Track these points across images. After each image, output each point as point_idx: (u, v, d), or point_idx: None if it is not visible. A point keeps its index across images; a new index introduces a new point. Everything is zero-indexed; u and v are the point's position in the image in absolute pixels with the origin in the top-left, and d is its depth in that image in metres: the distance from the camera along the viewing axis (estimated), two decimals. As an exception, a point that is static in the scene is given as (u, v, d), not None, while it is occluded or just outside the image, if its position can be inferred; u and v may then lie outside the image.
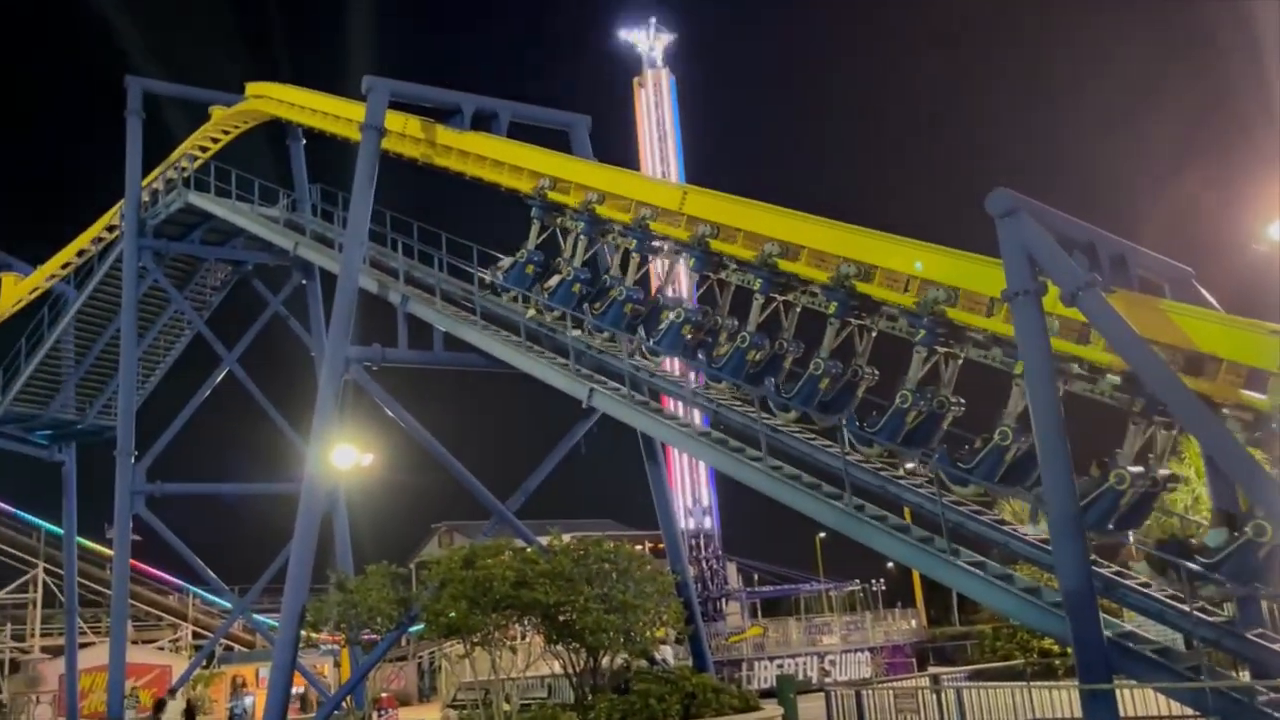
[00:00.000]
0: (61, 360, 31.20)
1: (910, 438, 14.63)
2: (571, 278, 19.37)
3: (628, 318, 18.69)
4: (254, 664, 34.06)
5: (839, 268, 15.05)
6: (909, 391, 14.49)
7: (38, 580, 41.40)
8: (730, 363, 16.72)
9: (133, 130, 28.78)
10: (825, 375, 15.67)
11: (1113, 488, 12.52)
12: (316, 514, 20.98)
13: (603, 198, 19.14)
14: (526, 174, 20.76)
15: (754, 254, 16.31)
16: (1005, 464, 13.44)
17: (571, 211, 19.73)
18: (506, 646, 19.33)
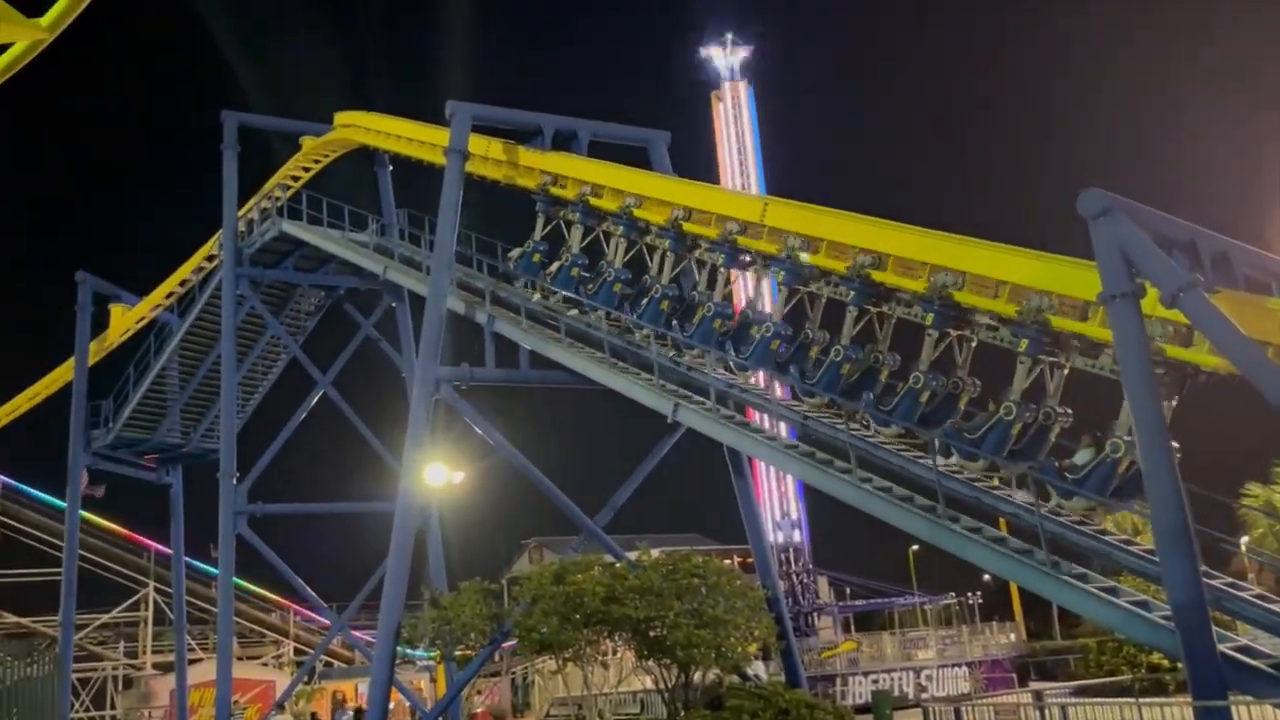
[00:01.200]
0: (167, 386, 32.37)
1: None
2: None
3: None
4: (353, 679, 34.79)
5: (934, 277, 14.78)
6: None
7: (148, 599, 42.98)
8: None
9: (229, 163, 29.78)
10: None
11: (1109, 456, 12.96)
12: (411, 532, 21.34)
13: (689, 213, 19.12)
14: (608, 192, 20.94)
15: (845, 265, 16.08)
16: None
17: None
18: (598, 662, 19.40)
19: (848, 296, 16.27)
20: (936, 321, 15.10)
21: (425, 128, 25.00)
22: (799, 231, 17.09)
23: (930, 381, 15.41)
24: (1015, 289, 13.98)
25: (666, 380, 18.63)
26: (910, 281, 15.34)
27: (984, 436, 14.48)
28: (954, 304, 14.86)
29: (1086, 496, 13.37)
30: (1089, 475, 13.51)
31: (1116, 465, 13.16)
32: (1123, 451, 13.00)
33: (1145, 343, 11.55)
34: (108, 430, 32.59)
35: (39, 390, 36.85)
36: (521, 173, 22.40)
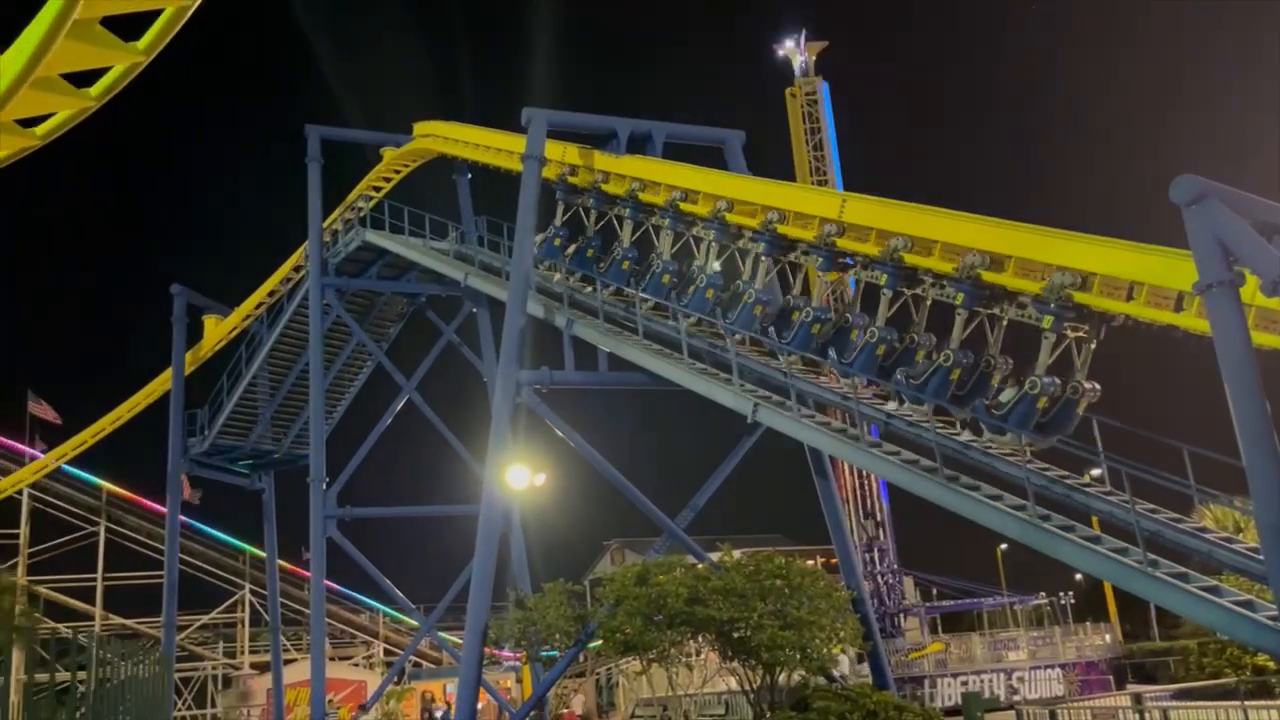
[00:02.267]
0: (258, 395, 33.38)
1: (1042, 425, 14.68)
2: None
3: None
4: (441, 680, 35.36)
5: (1053, 277, 14.20)
6: (1038, 378, 14.57)
7: (245, 601, 44.39)
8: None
9: (313, 176, 30.53)
10: (955, 366, 15.70)
11: (1027, 393, 14.48)
12: (495, 534, 21.61)
13: (784, 215, 18.79)
14: (703, 197, 20.71)
15: (952, 266, 15.75)
16: (1036, 413, 14.61)
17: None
18: (682, 663, 19.41)
19: (882, 281, 16.63)
20: (966, 301, 15.49)
21: (502, 135, 25.32)
22: (878, 226, 16.87)
23: (960, 359, 15.70)
24: (1104, 281, 13.65)
25: (745, 380, 18.56)
26: (1024, 281, 14.87)
27: (1010, 411, 14.86)
28: (984, 284, 15.27)
29: (1013, 430, 14.73)
30: (1012, 411, 14.86)
31: (1035, 401, 14.49)
32: (1039, 389, 14.42)
33: (1245, 334, 11.13)
34: (203, 438, 33.72)
35: (138, 400, 38.27)
36: (613, 181, 22.38)
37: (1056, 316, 14.20)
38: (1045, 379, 14.54)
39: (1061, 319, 14.22)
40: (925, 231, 16.16)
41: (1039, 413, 14.59)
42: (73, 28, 8.46)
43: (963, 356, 15.71)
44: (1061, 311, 14.14)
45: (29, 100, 9.50)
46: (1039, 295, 14.48)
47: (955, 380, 15.81)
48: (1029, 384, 14.67)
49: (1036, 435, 14.69)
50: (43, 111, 10.21)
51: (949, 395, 15.80)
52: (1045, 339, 14.52)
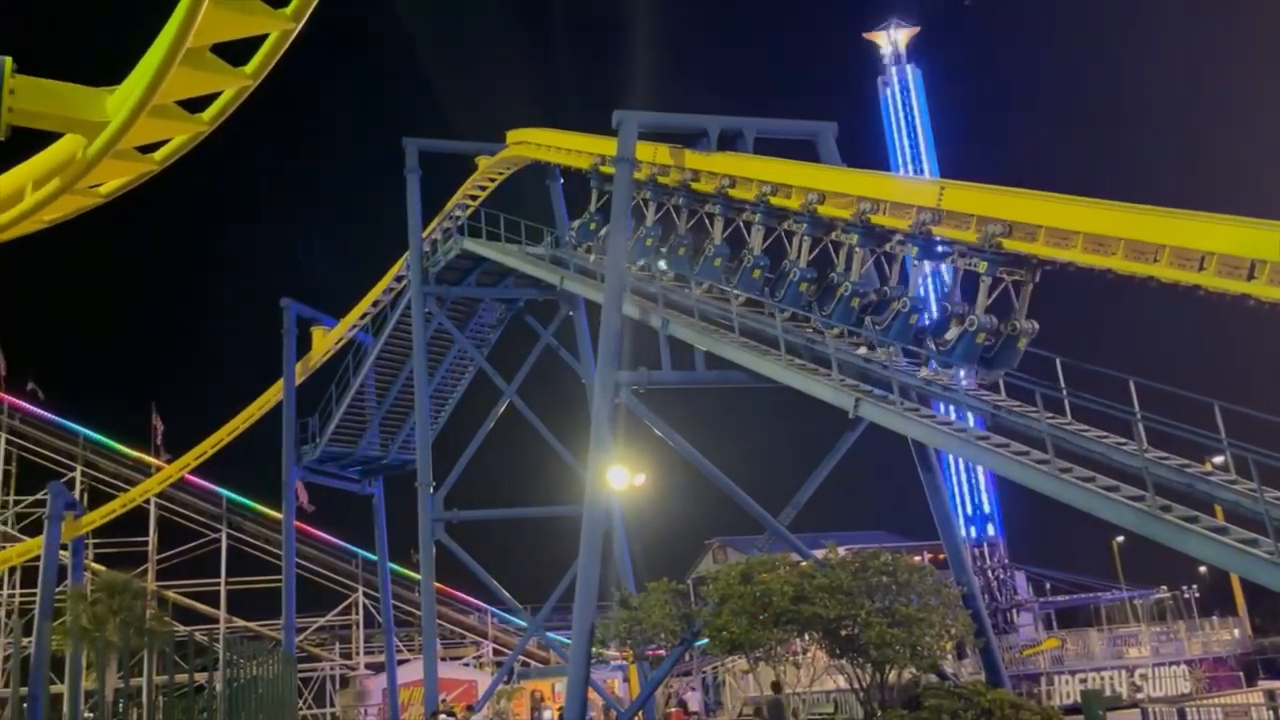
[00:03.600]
0: (365, 402, 34.31)
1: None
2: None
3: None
4: (550, 679, 35.81)
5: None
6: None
7: (358, 603, 45.73)
8: (894, 328, 17.60)
9: (412, 187, 31.26)
10: (980, 330, 16.69)
11: (967, 330, 16.52)
12: (599, 534, 21.78)
13: (878, 206, 18.62)
14: (795, 191, 20.65)
15: (1059, 252, 15.34)
16: (977, 347, 16.68)
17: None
18: (789, 661, 19.26)
19: (981, 268, 16.93)
20: (990, 269, 16.50)
21: (593, 139, 25.52)
22: (978, 212, 16.48)
23: (985, 324, 16.79)
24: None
25: (846, 375, 18.33)
26: (1137, 265, 14.46)
27: (955, 347, 16.86)
28: (1007, 252, 16.21)
29: (958, 364, 17.16)
30: (955, 346, 16.95)
31: (975, 337, 16.61)
32: (977, 326, 16.57)
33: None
34: (315, 446, 34.80)
35: (253, 411, 39.72)
36: (702, 178, 22.43)
37: (991, 262, 16.35)
38: (983, 317, 16.66)
39: (997, 264, 16.32)
40: (1030, 216, 15.73)
41: (980, 348, 16.72)
42: (185, 56, 8.81)
43: (986, 322, 16.79)
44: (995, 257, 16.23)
45: (147, 127, 9.93)
46: (974, 244, 16.52)
47: (980, 343, 16.90)
48: (968, 322, 16.80)
49: (982, 369, 17.00)
50: (160, 137, 10.66)
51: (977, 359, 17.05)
52: (983, 282, 16.61)
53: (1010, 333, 16.61)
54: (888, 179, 21.01)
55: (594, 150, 25.28)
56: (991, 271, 16.46)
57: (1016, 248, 15.94)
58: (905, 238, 18.19)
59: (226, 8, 8.51)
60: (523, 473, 42.56)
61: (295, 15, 8.95)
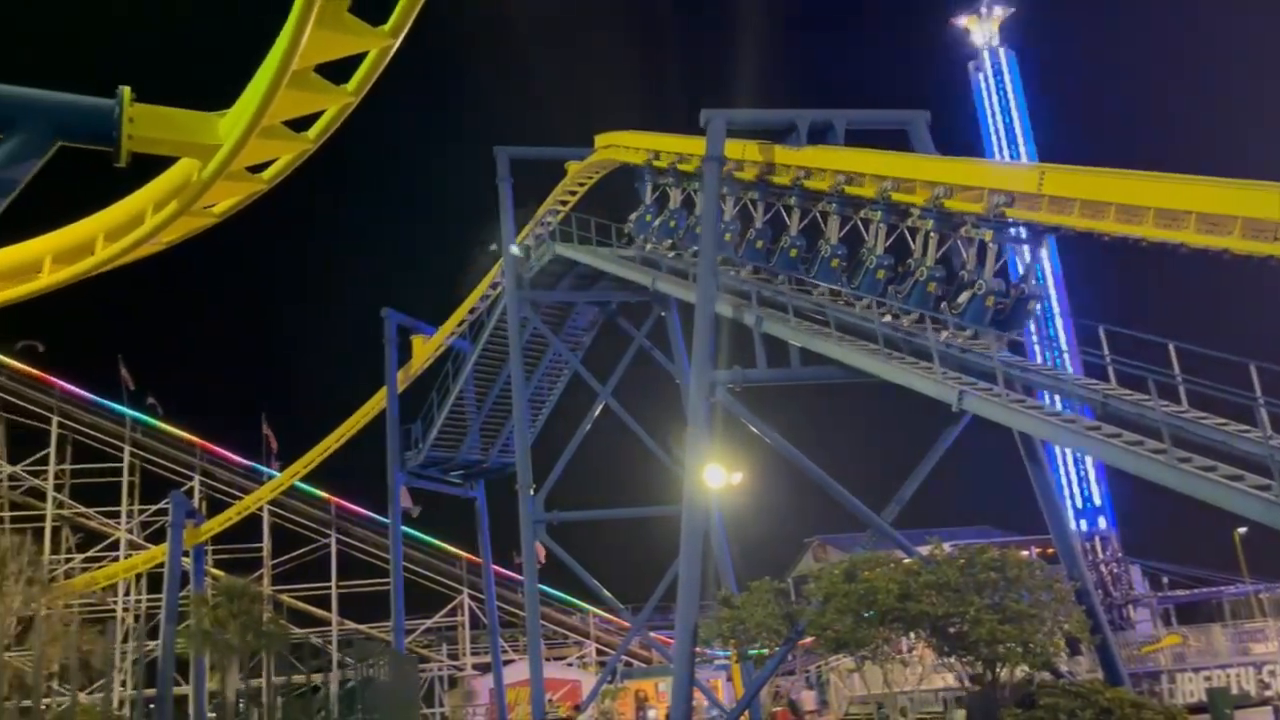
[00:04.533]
0: (465, 408, 34.97)
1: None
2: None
3: (990, 312, 18.24)
4: (653, 679, 35.96)
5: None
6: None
7: (463, 605, 46.63)
8: (913, 296, 18.51)
9: (504, 195, 31.77)
10: (988, 293, 17.87)
11: (976, 293, 17.97)
12: (699, 533, 21.79)
13: (950, 191, 18.44)
14: (868, 179, 20.53)
15: (1169, 234, 14.90)
16: (986, 309, 18.03)
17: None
18: (896, 659, 18.98)
19: (928, 225, 18.64)
20: (997, 237, 18.00)
21: (681, 139, 25.54)
22: (1085, 197, 16.01)
23: (993, 287, 18.11)
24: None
25: (947, 367, 17.98)
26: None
27: (966, 310, 18.22)
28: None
29: (970, 325, 18.27)
30: (967, 309, 18.25)
31: (984, 300, 17.98)
32: (985, 290, 17.99)
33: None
34: (418, 451, 35.62)
35: (358, 419, 40.84)
36: (779, 171, 22.42)
37: (997, 230, 17.91)
38: (990, 282, 18.08)
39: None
40: (1135, 198, 15.20)
41: (989, 310, 18.10)
42: (291, 78, 9.14)
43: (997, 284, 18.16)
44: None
45: (257, 148, 10.33)
46: (982, 215, 17.89)
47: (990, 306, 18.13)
48: (977, 286, 18.24)
49: (995, 329, 18.30)
50: (268, 157, 11.08)
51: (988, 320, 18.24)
52: (990, 249, 18.14)
53: (1020, 295, 18.43)
54: (988, 165, 20.64)
55: (682, 150, 25.31)
56: (998, 240, 18.17)
57: (1126, 230, 15.43)
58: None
59: (329, 28, 8.80)
60: (620, 473, 42.82)
61: (394, 32, 9.22)
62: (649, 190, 26.95)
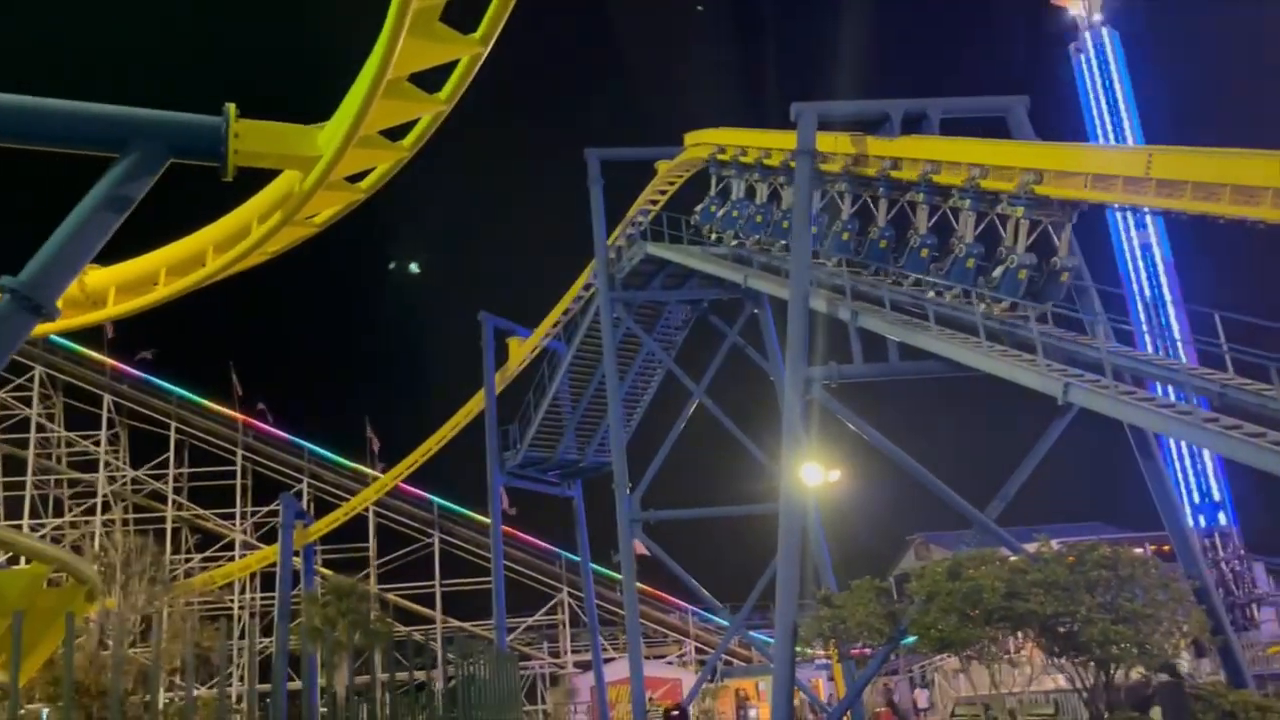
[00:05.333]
0: (561, 408, 35.31)
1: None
2: (1016, 265, 18.63)
3: (1024, 285, 19.31)
4: (754, 678, 35.78)
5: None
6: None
7: (563, 603, 47.16)
8: (954, 272, 19.11)
9: (595, 198, 31.93)
10: (1021, 266, 18.50)
11: (1008, 267, 19.20)
12: (797, 531, 21.58)
13: (1040, 176, 18.00)
14: (963, 168, 20.10)
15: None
16: (1019, 282, 19.12)
17: (1009, 196, 18.82)
18: (1005, 660, 18.48)
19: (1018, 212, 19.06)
20: (1028, 212, 18.92)
21: (771, 134, 25.37)
22: (1193, 178, 15.34)
23: (1025, 261, 19.23)
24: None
25: (1052, 359, 17.44)
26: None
27: (1001, 283, 19.28)
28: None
29: (1006, 297, 19.41)
30: (1001, 282, 19.42)
31: (1017, 273, 19.08)
32: (1017, 264, 19.09)
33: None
34: (516, 451, 36.10)
35: (458, 421, 41.67)
36: (872, 163, 22.11)
37: (1027, 206, 18.91)
38: (1023, 255, 19.13)
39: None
40: (1253, 179, 14.50)
41: (1023, 282, 19.08)
42: (386, 88, 9.38)
43: (1028, 259, 19.28)
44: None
45: (355, 158, 10.66)
46: (1012, 193, 18.89)
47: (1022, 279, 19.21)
48: (1009, 260, 19.30)
49: (1030, 300, 19.08)
50: (366, 166, 11.41)
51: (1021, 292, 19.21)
52: (1021, 225, 19.16)
53: (1054, 269, 19.36)
54: (1092, 150, 20.09)
55: (772, 145, 25.14)
56: (1029, 215, 19.17)
57: (1241, 213, 14.75)
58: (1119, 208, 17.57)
59: (421, 38, 9.02)
60: (716, 471, 42.70)
61: (484, 40, 9.39)
62: (713, 182, 28.26)
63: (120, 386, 48.17)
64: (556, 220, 59.08)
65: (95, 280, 13.95)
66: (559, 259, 40.63)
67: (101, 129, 10.62)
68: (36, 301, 10.08)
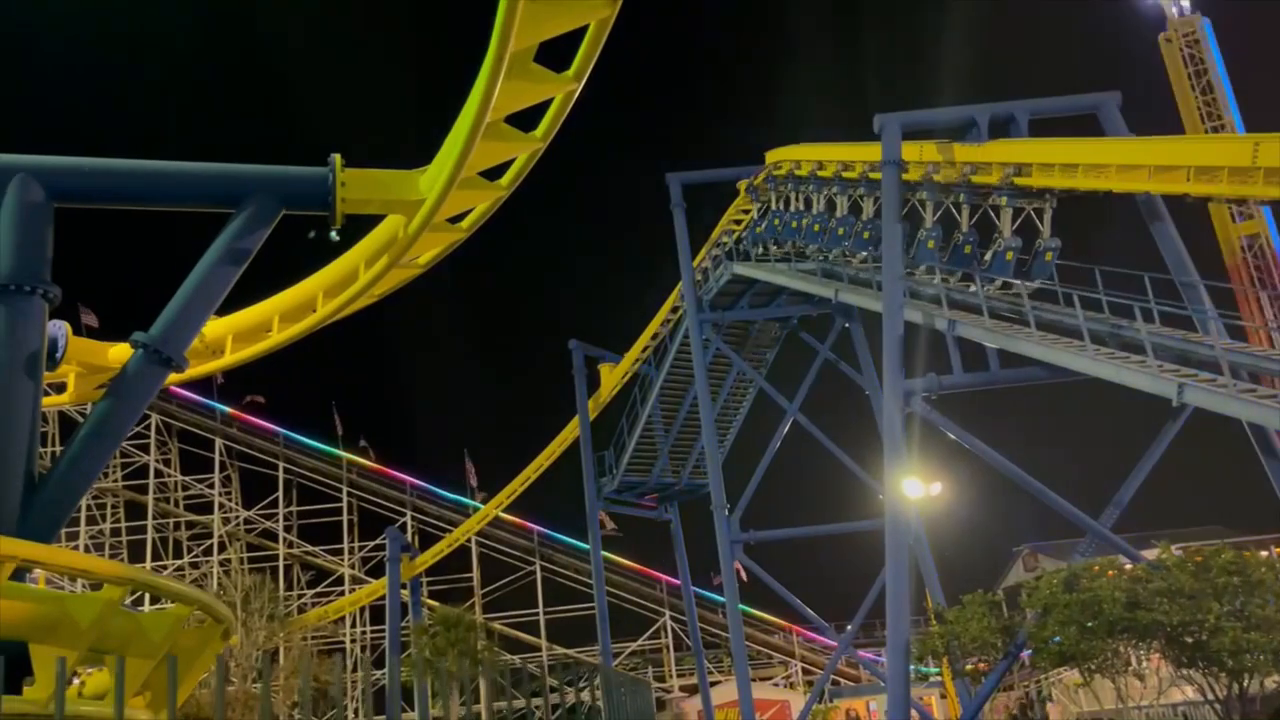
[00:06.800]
0: (654, 432, 35.46)
1: None
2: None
3: (1012, 265, 20.67)
4: (864, 697, 35.21)
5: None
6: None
7: (666, 627, 47.12)
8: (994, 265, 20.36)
9: (679, 221, 32.14)
10: (1007, 248, 20.44)
11: (997, 249, 21.09)
12: (904, 547, 21.25)
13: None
14: (1058, 170, 19.72)
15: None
16: (1008, 263, 21.05)
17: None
18: (1130, 673, 17.86)
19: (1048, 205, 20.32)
20: (1010, 200, 20.86)
21: (854, 147, 25.24)
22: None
23: (1011, 243, 21.06)
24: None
25: (1163, 359, 16.93)
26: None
27: (991, 264, 21.27)
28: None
29: (997, 276, 21.34)
30: (993, 263, 21.31)
31: (1005, 254, 20.89)
32: (1004, 246, 20.99)
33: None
34: (612, 477, 36.35)
35: (553, 449, 42.18)
36: (961, 169, 21.85)
37: (1010, 195, 20.64)
38: (1008, 238, 21.00)
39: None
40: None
41: (1011, 263, 20.96)
42: (485, 130, 9.68)
43: (1013, 242, 21.14)
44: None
45: (456, 199, 11.00)
46: (997, 184, 20.75)
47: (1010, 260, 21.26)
48: (997, 243, 21.20)
49: (1022, 278, 20.94)
50: (466, 207, 11.75)
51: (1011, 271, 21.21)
52: (1005, 211, 20.94)
53: (1037, 249, 21.02)
54: (1194, 142, 19.46)
55: (855, 158, 25.02)
56: (1011, 202, 20.93)
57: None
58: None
59: (518, 79, 9.29)
60: (814, 489, 42.30)
61: (577, 76, 9.63)
62: (772, 198, 29.08)
63: (230, 430, 50.01)
64: (641, 246, 59.60)
65: (213, 330, 14.60)
66: (645, 284, 40.94)
67: (219, 187, 11.19)
68: (167, 354, 10.63)
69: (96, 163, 11.20)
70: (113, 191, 11.49)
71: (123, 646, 8.89)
